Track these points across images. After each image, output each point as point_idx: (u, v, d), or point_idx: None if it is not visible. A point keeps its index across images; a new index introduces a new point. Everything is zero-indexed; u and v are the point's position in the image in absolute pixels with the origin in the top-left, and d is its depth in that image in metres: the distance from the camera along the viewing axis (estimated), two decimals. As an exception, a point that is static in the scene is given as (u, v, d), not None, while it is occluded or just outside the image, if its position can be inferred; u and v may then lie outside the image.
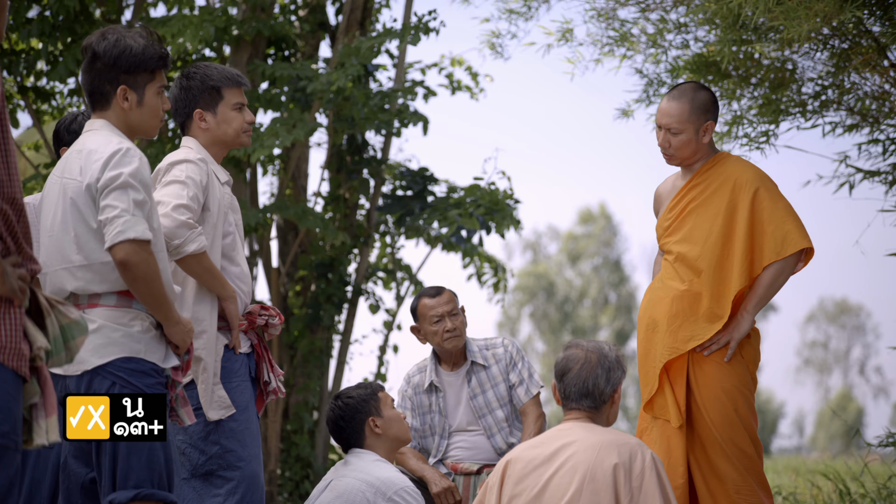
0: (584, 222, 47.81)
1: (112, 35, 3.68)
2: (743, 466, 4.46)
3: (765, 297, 4.53)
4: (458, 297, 5.30)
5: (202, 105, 4.24)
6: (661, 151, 4.67)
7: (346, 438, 4.61)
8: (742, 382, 4.52)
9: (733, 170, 4.61)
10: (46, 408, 2.68)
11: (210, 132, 4.25)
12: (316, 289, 9.31)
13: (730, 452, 4.46)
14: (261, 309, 4.22)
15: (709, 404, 4.49)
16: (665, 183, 4.83)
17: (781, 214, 4.53)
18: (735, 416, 4.47)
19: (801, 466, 11.06)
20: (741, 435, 4.47)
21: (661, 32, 6.52)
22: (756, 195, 4.55)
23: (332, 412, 4.63)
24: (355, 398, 4.61)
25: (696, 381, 4.52)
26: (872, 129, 6.58)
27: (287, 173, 9.13)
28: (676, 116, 4.59)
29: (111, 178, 3.53)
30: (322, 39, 9.54)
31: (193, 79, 4.25)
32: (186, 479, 4.09)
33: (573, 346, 3.98)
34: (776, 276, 4.52)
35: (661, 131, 4.62)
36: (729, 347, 4.52)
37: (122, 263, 3.49)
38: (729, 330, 4.53)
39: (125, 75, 3.67)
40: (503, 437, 5.24)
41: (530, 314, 46.57)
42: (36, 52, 8.69)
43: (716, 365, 4.52)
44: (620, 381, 3.95)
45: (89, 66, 3.69)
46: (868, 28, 6.07)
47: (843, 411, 46.24)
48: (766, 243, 4.51)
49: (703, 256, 4.55)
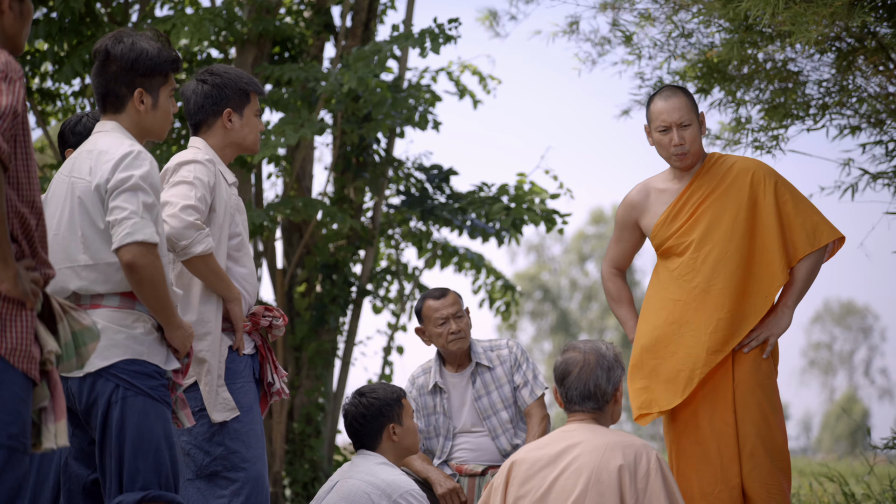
0: (595, 223, 47.65)
1: (127, 38, 3.69)
2: (776, 462, 4.46)
3: (803, 289, 4.55)
4: (462, 299, 5.31)
5: (233, 105, 4.25)
6: (675, 153, 4.58)
7: (361, 438, 4.59)
8: (772, 377, 4.55)
9: (744, 165, 4.61)
10: (56, 412, 2.68)
11: (232, 133, 4.26)
12: (321, 290, 9.32)
13: (764, 448, 4.46)
14: (265, 310, 4.22)
15: (747, 400, 4.48)
16: (639, 190, 4.74)
17: (805, 206, 4.55)
18: (769, 410, 4.48)
19: (807, 468, 11.05)
20: (774, 429, 4.48)
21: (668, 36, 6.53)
22: (777, 189, 4.55)
23: (354, 408, 4.59)
24: (381, 400, 4.58)
25: (736, 378, 4.51)
26: (877, 132, 6.59)
27: (292, 174, 9.14)
28: (682, 108, 4.57)
29: (122, 179, 3.54)
30: (327, 41, 9.55)
31: (224, 77, 4.25)
32: (191, 481, 4.09)
33: (570, 348, 3.98)
34: (812, 268, 4.54)
35: (671, 131, 4.56)
36: (768, 343, 4.52)
37: (129, 265, 3.49)
38: (767, 325, 4.52)
39: (141, 78, 3.68)
40: (508, 439, 5.25)
41: (532, 314, 46.49)
42: (42, 53, 8.71)
43: (753, 361, 4.51)
44: (621, 378, 3.95)
45: (102, 69, 3.69)
46: (873, 31, 6.07)
47: (848, 413, 46.17)
48: (798, 235, 4.52)
49: (732, 254, 4.52)
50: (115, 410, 3.54)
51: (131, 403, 3.54)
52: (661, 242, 4.68)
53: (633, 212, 4.76)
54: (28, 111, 9.31)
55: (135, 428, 3.54)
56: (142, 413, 3.55)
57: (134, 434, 3.54)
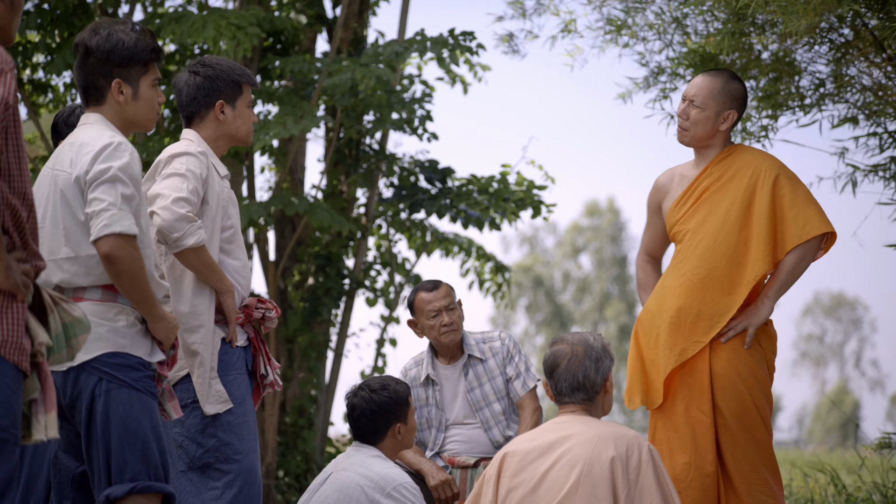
0: (590, 215, 47.64)
1: (103, 30, 3.67)
2: (756, 455, 4.46)
3: (786, 282, 4.52)
4: (454, 291, 5.31)
5: (225, 97, 4.24)
6: (677, 124, 4.62)
7: (366, 434, 4.58)
8: (758, 369, 4.51)
9: (751, 158, 4.60)
10: (46, 403, 2.68)
11: (225, 125, 4.25)
12: (314, 282, 9.31)
13: (744, 440, 4.45)
14: (257, 302, 4.22)
15: (726, 390, 4.47)
16: (667, 174, 4.79)
17: (802, 200, 4.51)
18: (750, 403, 4.46)
19: (799, 459, 11.09)
20: (755, 422, 4.47)
21: (661, 26, 6.52)
22: (776, 182, 4.53)
23: (364, 404, 4.57)
24: (392, 399, 4.56)
25: (714, 368, 4.50)
26: (871, 123, 6.59)
27: (285, 167, 9.13)
28: (704, 90, 4.57)
29: (100, 171, 3.52)
30: (319, 32, 9.53)
31: (216, 69, 4.24)
32: (183, 472, 4.09)
33: (558, 341, 3.99)
34: (798, 261, 4.50)
35: (685, 103, 4.60)
36: (747, 334, 4.50)
37: (107, 257, 3.48)
38: (747, 315, 4.51)
39: (119, 69, 3.67)
40: (500, 431, 5.25)
41: (527, 307, 46.54)
42: (33, 44, 8.68)
43: (733, 351, 4.50)
44: (610, 368, 3.95)
45: (82, 62, 3.69)
46: (865, 22, 6.07)
47: (839, 405, 46.30)
48: (788, 228, 4.49)
49: (719, 243, 4.53)
50: (100, 403, 3.53)
51: (115, 396, 3.54)
52: (670, 228, 4.70)
53: (658, 195, 4.79)
54: (19, 102, 9.29)
55: (120, 420, 3.53)
56: (127, 405, 3.54)
57: (120, 426, 3.53)
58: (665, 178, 4.78)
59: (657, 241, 4.86)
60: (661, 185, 4.78)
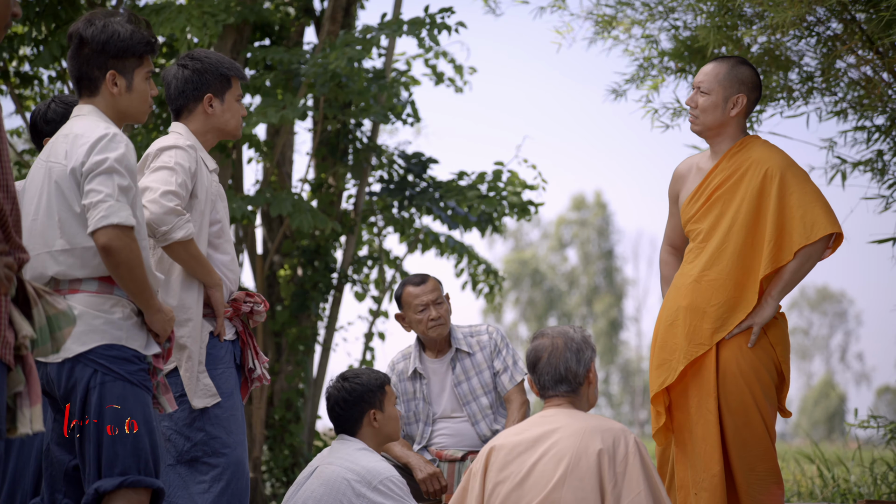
0: (577, 209, 47.63)
1: (99, 21, 3.66)
2: (755, 453, 4.44)
3: (790, 282, 4.47)
4: (442, 285, 5.31)
5: (213, 90, 4.23)
6: (688, 112, 4.60)
7: (342, 422, 4.58)
8: (762, 368, 4.46)
9: (760, 155, 4.53)
10: (31, 396, 2.67)
11: (213, 119, 4.24)
12: (302, 276, 9.30)
13: (743, 437, 4.43)
14: (246, 296, 4.22)
15: (728, 387, 4.45)
16: (685, 163, 4.75)
17: (810, 199, 4.45)
18: (751, 400, 4.43)
19: (787, 452, 11.14)
20: (755, 420, 4.44)
21: (649, 18, 6.52)
22: (784, 180, 4.47)
23: (336, 392, 4.58)
24: (363, 386, 4.56)
25: (720, 366, 4.47)
26: (857, 117, 6.60)
27: (272, 160, 9.11)
28: (710, 75, 4.54)
29: (97, 162, 3.52)
30: (307, 25, 9.51)
31: (205, 62, 4.23)
32: (172, 466, 4.09)
33: (539, 335, 4.00)
34: (804, 262, 4.45)
35: (693, 91, 4.58)
36: (752, 332, 4.47)
37: (105, 248, 3.47)
38: (751, 315, 4.48)
39: (113, 60, 3.66)
40: (487, 424, 5.25)
41: (515, 301, 46.57)
42: (20, 36, 8.64)
43: (738, 349, 4.47)
44: (592, 359, 3.95)
45: (76, 53, 3.67)
46: (853, 16, 6.08)
47: (825, 398, 46.46)
48: (795, 228, 4.44)
49: (728, 245, 4.49)
50: (94, 395, 3.53)
51: (110, 389, 3.53)
52: (685, 224, 4.67)
53: (676, 185, 4.75)
54: (5, 95, 9.22)
55: (113, 413, 3.52)
56: (120, 398, 3.53)
57: (112, 419, 3.52)
58: (684, 168, 4.74)
59: (679, 231, 4.80)
60: (680, 175, 4.74)
